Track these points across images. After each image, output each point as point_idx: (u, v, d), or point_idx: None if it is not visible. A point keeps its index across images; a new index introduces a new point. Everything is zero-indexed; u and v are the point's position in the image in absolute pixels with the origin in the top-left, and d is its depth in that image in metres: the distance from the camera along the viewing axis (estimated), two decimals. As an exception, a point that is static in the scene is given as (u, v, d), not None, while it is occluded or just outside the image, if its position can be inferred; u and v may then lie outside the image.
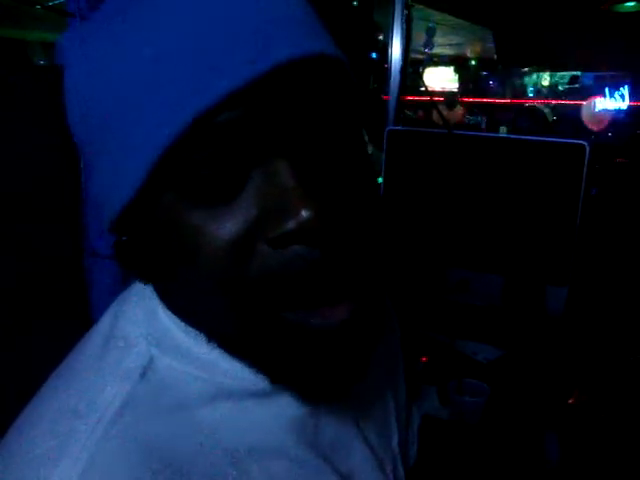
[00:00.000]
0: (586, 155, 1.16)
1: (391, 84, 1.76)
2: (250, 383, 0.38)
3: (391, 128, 1.44)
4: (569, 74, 7.41)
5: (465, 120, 5.73)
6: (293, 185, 0.31)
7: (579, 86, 7.17)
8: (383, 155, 1.42)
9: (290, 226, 0.30)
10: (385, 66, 1.83)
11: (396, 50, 1.74)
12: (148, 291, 0.40)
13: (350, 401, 0.45)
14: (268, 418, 0.39)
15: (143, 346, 0.38)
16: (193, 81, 0.30)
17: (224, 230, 0.32)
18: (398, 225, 1.40)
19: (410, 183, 1.40)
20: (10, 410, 0.39)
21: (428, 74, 6.93)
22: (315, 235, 0.31)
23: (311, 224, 0.30)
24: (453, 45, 7.18)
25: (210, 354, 0.38)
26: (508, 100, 7.39)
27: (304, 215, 0.30)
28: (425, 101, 5.00)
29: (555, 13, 5.16)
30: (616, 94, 6.07)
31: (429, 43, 1.98)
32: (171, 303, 0.39)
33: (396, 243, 1.35)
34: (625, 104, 6.04)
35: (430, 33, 1.96)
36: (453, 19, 5.46)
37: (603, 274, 1.45)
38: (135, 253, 0.37)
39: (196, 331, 0.38)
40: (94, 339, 0.40)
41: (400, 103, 1.76)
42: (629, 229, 1.71)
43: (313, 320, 0.33)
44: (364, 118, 0.38)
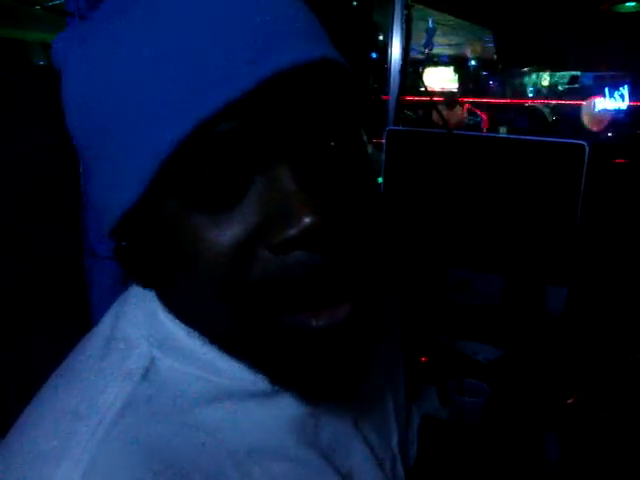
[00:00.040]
0: (586, 155, 1.17)
1: (391, 84, 1.76)
2: (250, 384, 0.38)
3: (391, 128, 1.44)
4: (569, 74, 7.40)
5: (465, 120, 5.73)
6: (295, 190, 0.31)
7: (579, 86, 7.17)
8: (383, 155, 1.42)
9: (292, 232, 0.30)
10: (385, 66, 1.83)
11: (396, 50, 1.74)
12: (148, 292, 0.40)
13: (350, 401, 0.45)
14: (269, 418, 0.39)
15: (144, 347, 0.38)
16: (193, 84, 0.30)
17: (225, 236, 0.32)
18: (398, 225, 1.40)
19: (410, 183, 1.40)
20: (11, 410, 0.39)
21: (428, 74, 6.93)
22: (317, 241, 0.31)
23: (313, 230, 0.30)
24: (453, 45, 7.18)
25: (210, 355, 0.38)
26: (508, 100, 7.38)
27: (306, 221, 0.30)
28: (425, 101, 5.00)
29: (555, 13, 5.16)
30: (616, 94, 6.06)
31: (429, 43, 1.98)
32: (171, 305, 0.39)
33: (396, 243, 1.35)
34: (625, 104, 6.03)
35: (430, 33, 1.96)
36: (453, 19, 5.46)
37: (603, 274, 1.45)
38: (135, 258, 0.37)
39: (197, 332, 0.38)
40: (95, 340, 0.40)
41: (400, 103, 1.76)
42: (629, 229, 1.71)
43: (314, 322, 0.33)
44: (364, 119, 0.38)
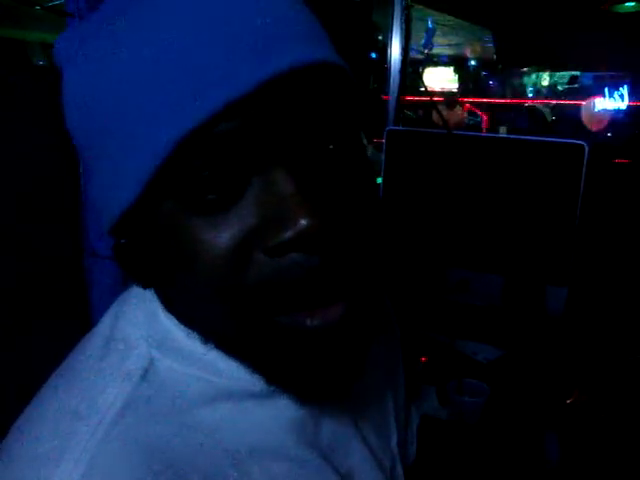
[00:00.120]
0: (585, 155, 1.17)
1: (391, 84, 1.76)
2: (248, 384, 0.38)
3: (391, 128, 1.44)
4: (569, 74, 7.40)
5: (465, 120, 5.73)
6: (292, 193, 0.31)
7: (578, 86, 7.17)
8: (382, 155, 1.42)
9: (288, 235, 0.30)
10: (385, 66, 1.83)
11: (395, 50, 1.74)
12: (148, 293, 0.40)
13: (349, 401, 0.45)
14: (268, 419, 0.39)
15: (143, 348, 0.38)
16: (193, 84, 0.30)
17: (221, 239, 0.32)
18: (398, 225, 1.40)
19: (410, 183, 1.40)
20: (10, 410, 0.39)
21: (428, 74, 6.93)
22: (314, 243, 0.31)
23: (309, 232, 0.30)
24: (453, 45, 7.18)
25: (210, 356, 0.38)
26: (508, 100, 7.39)
27: (302, 223, 0.30)
28: (425, 101, 5.00)
29: (555, 13, 5.16)
30: (615, 94, 6.07)
31: (429, 43, 1.98)
32: (171, 306, 0.39)
33: (396, 243, 1.35)
34: (624, 104, 6.04)
35: (430, 33, 1.96)
36: (453, 19, 5.46)
37: (603, 274, 1.45)
38: (134, 258, 0.37)
39: (196, 333, 0.38)
40: (94, 340, 0.40)
41: (400, 103, 1.76)
42: (629, 229, 1.71)
43: (309, 322, 0.33)
44: (364, 121, 0.38)
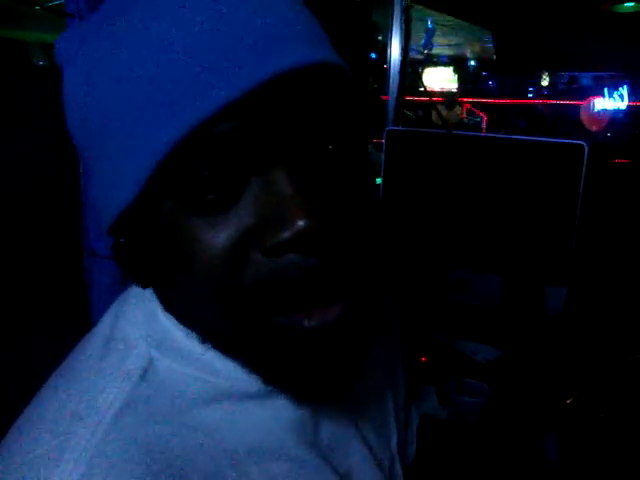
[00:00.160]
0: (585, 155, 1.17)
1: (390, 84, 1.76)
2: (246, 384, 0.38)
3: (390, 128, 1.44)
4: (568, 74, 7.40)
5: (465, 120, 5.73)
6: (291, 193, 0.31)
7: (578, 86, 7.18)
8: (382, 155, 1.42)
9: (286, 235, 0.30)
10: (384, 66, 1.83)
11: (395, 50, 1.74)
12: (148, 293, 0.40)
13: (349, 401, 0.46)
14: (268, 419, 0.39)
15: (143, 348, 0.38)
16: (193, 84, 0.30)
17: (219, 239, 0.32)
18: (397, 225, 1.40)
19: (409, 183, 1.40)
20: (10, 410, 0.39)
21: (427, 74, 6.92)
22: (311, 244, 0.31)
23: (307, 233, 0.30)
24: (452, 45, 7.17)
25: (209, 356, 0.38)
26: (508, 100, 7.39)
27: (300, 224, 0.30)
28: (424, 101, 5.00)
29: (555, 13, 5.16)
30: (615, 94, 6.07)
31: (428, 43, 1.98)
32: (170, 306, 0.39)
33: (395, 244, 1.35)
34: (624, 104, 6.05)
35: (429, 33, 1.96)
36: (452, 19, 5.45)
37: (602, 274, 1.45)
38: (133, 257, 0.37)
39: (195, 333, 0.38)
40: (94, 340, 0.40)
41: (399, 103, 1.76)
42: (629, 229, 1.71)
43: (306, 322, 0.33)
44: (363, 122, 0.38)
